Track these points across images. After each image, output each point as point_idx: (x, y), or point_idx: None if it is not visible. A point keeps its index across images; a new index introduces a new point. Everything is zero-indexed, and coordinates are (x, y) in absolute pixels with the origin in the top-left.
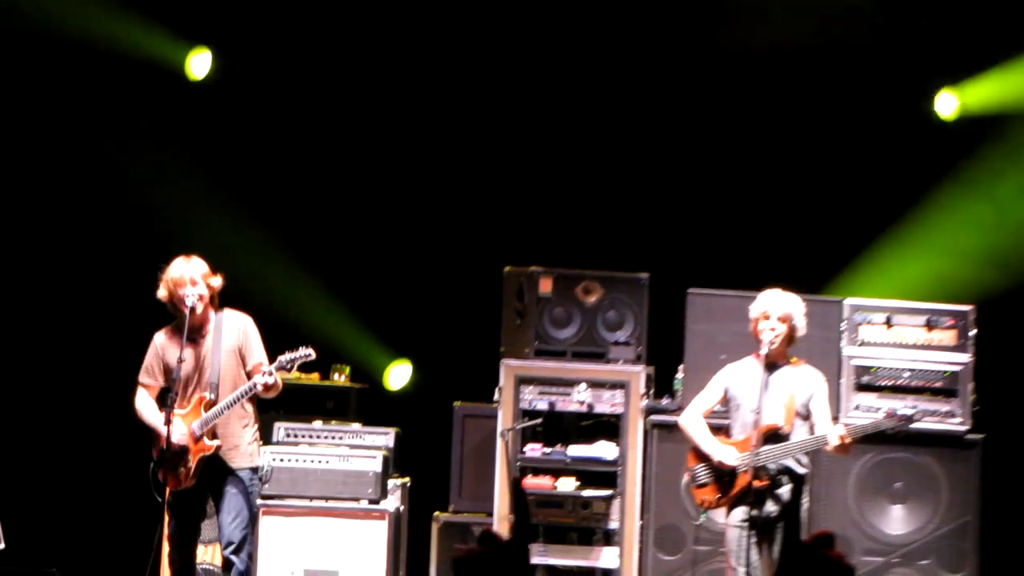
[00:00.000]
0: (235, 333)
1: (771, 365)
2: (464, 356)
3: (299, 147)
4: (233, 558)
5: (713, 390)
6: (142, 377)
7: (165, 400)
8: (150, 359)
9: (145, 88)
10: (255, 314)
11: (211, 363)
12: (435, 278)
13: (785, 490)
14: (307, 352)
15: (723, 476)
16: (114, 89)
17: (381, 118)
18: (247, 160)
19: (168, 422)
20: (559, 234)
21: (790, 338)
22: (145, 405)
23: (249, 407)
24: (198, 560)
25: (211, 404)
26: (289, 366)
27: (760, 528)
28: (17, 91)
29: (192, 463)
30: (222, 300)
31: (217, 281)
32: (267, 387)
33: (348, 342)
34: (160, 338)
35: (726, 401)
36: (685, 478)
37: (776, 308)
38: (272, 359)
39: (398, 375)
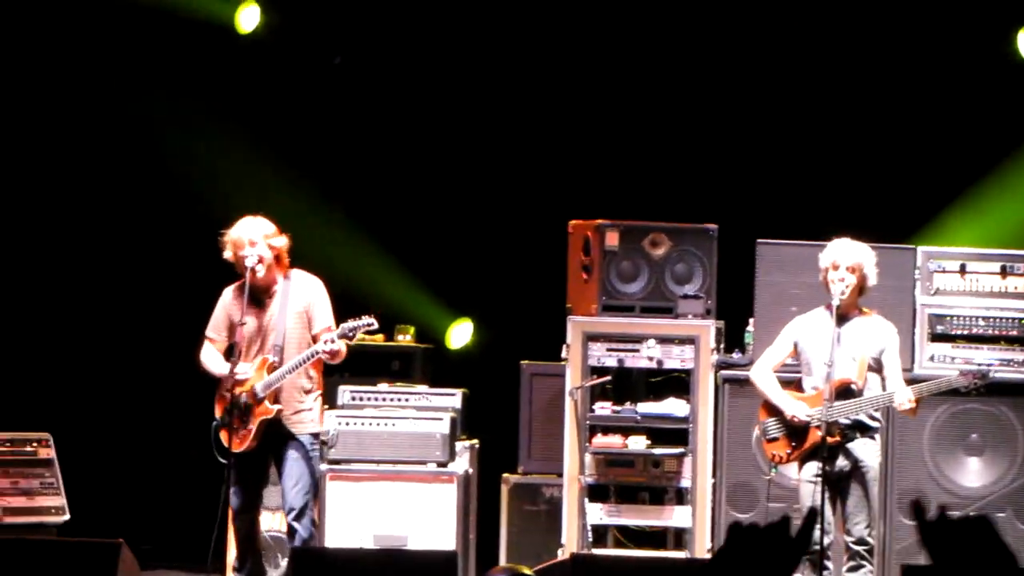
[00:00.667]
0: (303, 296)
1: (842, 317)
2: (529, 313)
3: (354, 103)
4: (295, 525)
5: (783, 344)
6: (209, 331)
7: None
8: (217, 314)
9: (193, 44)
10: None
11: (276, 326)
12: (498, 234)
13: (857, 444)
14: (369, 321)
15: (794, 431)
16: (162, 45)
17: (438, 69)
18: (301, 118)
19: (233, 374)
20: (625, 185)
21: (861, 288)
22: (209, 356)
23: (314, 372)
24: (266, 528)
25: (274, 367)
26: (351, 334)
27: (832, 483)
28: (68, 50)
29: (253, 425)
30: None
31: (281, 242)
32: (330, 354)
33: (411, 302)
34: (228, 295)
35: (796, 354)
36: (756, 432)
37: (845, 258)
38: (338, 326)
39: (459, 334)
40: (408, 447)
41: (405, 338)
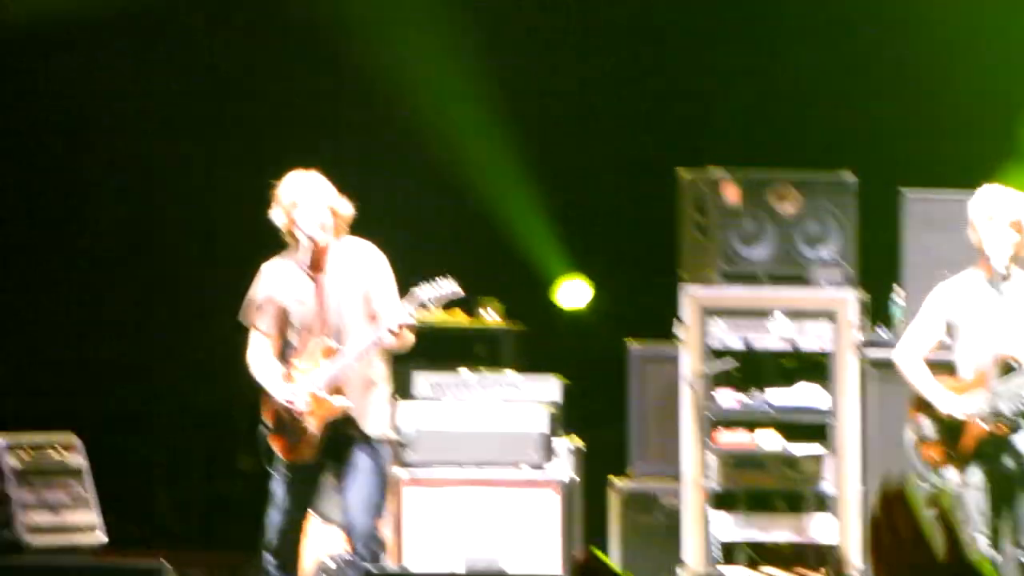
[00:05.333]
0: (362, 267)
1: (999, 280)
2: (634, 283)
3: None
4: (359, 547)
5: (930, 319)
6: (255, 320)
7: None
8: (259, 298)
9: None
10: (383, 241)
11: (333, 304)
12: (595, 186)
13: None
14: (452, 288)
15: (952, 427)
16: None
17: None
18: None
19: (288, 377)
20: (743, 128)
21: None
22: (258, 357)
23: (380, 359)
24: (327, 550)
25: (334, 353)
26: (430, 303)
27: (999, 487)
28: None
29: (314, 428)
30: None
31: (347, 208)
32: (400, 327)
33: (495, 267)
34: (270, 272)
35: (949, 330)
36: (908, 432)
37: (1003, 209)
38: (406, 295)
39: (572, 291)
40: (498, 447)
41: (491, 316)
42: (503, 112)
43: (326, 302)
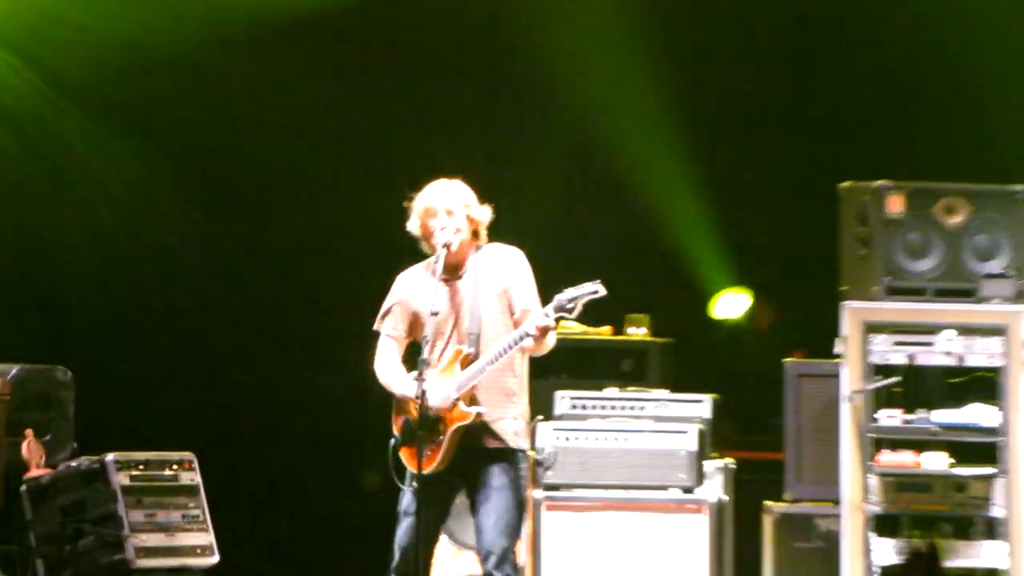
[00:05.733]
0: (501, 272)
1: None
2: (793, 297)
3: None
4: (495, 573)
5: None
6: (384, 326)
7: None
8: (393, 305)
9: None
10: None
11: (470, 309)
12: (757, 197)
13: None
14: (594, 288)
15: None
16: None
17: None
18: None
19: (423, 393)
20: (909, 138)
21: None
22: (387, 363)
23: (520, 368)
24: (461, 573)
25: (470, 360)
26: (571, 306)
27: None
28: None
29: (445, 437)
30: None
31: (483, 212)
32: (542, 332)
33: (649, 280)
34: (405, 281)
35: None
36: None
37: None
38: (548, 301)
39: (730, 304)
40: (645, 468)
41: (639, 330)
42: (665, 119)
43: (461, 307)
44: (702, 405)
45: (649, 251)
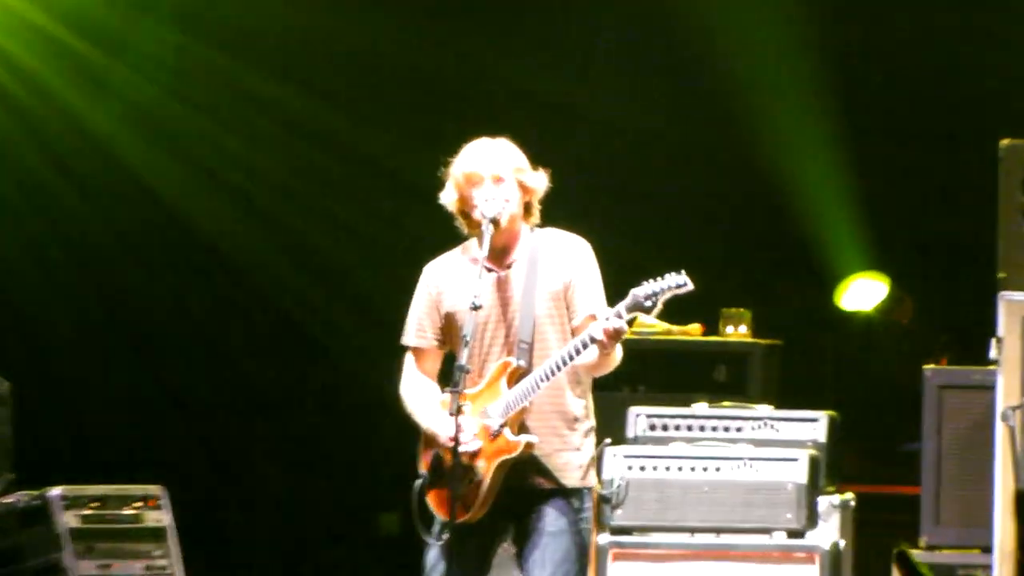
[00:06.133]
0: (562, 264)
1: None
2: (938, 286)
3: None
4: None
5: None
6: (409, 337)
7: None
8: (420, 308)
9: None
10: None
11: (521, 309)
12: (897, 163)
13: None
14: (679, 280)
15: None
16: None
17: None
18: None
19: (458, 411)
20: None
21: None
22: (413, 385)
23: (584, 384)
24: None
25: (519, 375)
26: (649, 303)
27: None
28: None
29: (486, 476)
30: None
31: (538, 179)
32: (612, 337)
33: (748, 264)
34: (435, 274)
35: None
36: None
37: None
38: (621, 299)
39: (861, 292)
40: (742, 506)
41: (737, 329)
42: (802, 82)
43: (510, 305)
44: (816, 425)
45: (753, 225)
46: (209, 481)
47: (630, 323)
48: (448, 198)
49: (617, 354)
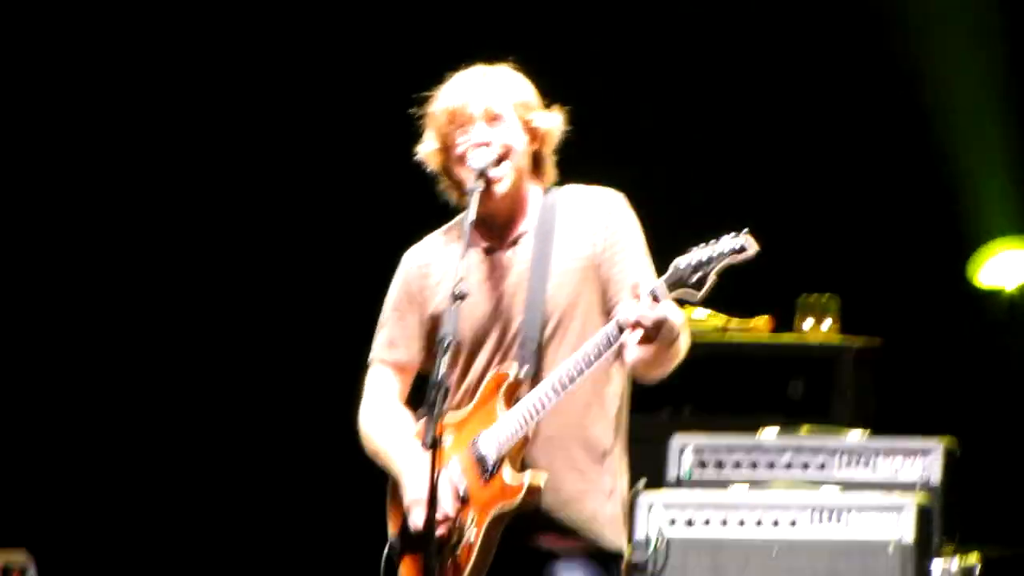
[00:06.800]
0: (586, 229)
1: None
2: None
3: None
4: None
5: None
6: (379, 348)
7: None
8: (394, 310)
9: None
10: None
11: (528, 298)
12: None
13: None
14: (738, 243)
15: None
16: None
17: None
18: None
19: (434, 444)
20: None
21: None
22: (379, 410)
23: (614, 402)
24: None
25: (519, 391)
26: (696, 277)
27: None
28: None
29: (478, 535)
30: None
31: (552, 120)
32: (651, 328)
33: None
34: (418, 261)
35: None
36: None
37: None
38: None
39: (1005, 269)
40: (825, 572)
41: (820, 323)
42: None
43: (514, 296)
44: (929, 460)
45: (844, 179)
46: (89, 549)
47: (679, 304)
48: (427, 149)
49: (682, 343)
